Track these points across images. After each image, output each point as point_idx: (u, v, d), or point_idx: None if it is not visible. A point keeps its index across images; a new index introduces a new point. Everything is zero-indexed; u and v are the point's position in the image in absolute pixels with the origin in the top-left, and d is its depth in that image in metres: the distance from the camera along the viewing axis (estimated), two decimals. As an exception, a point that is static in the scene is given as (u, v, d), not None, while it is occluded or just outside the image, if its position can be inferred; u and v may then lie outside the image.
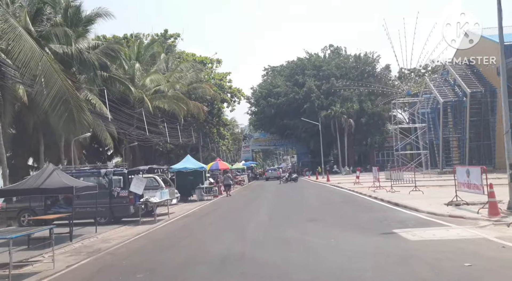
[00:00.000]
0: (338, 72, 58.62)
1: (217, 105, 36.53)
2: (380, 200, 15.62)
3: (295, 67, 61.26)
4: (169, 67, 33.17)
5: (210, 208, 19.20)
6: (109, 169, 15.02)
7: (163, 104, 29.05)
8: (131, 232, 12.81)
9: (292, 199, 20.79)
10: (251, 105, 66.10)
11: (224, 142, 45.04)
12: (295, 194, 23.56)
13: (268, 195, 24.43)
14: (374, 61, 60.09)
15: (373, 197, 16.97)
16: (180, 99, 30.51)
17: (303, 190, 26.85)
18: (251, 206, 18.62)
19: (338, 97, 56.95)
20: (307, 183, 35.78)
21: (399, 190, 17.73)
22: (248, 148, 69.07)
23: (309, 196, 21.43)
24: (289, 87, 59.00)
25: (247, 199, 22.86)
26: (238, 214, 15.54)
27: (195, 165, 24.03)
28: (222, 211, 17.71)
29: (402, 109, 62.89)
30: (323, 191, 24.33)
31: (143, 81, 28.87)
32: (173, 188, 19.41)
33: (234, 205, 20.32)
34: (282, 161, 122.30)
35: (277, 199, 21.02)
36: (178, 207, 20.61)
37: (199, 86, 33.40)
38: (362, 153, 64.03)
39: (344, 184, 26.42)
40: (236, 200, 23.12)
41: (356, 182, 25.16)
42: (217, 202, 22.43)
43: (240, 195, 27.14)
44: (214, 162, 30.76)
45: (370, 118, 57.58)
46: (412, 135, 37.45)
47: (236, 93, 39.69)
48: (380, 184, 19.86)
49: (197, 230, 12.49)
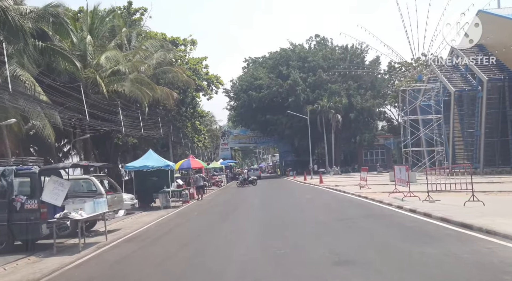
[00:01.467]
0: (325, 63, 54.08)
1: (191, 93, 31.14)
2: (436, 219, 9.50)
3: (279, 58, 56.42)
4: (132, 45, 27.62)
5: (173, 222, 13.96)
6: (8, 168, 9.61)
7: (122, 88, 23.58)
8: (27, 274, 7.54)
9: (287, 208, 15.63)
10: (230, 99, 60.97)
11: (200, 137, 39.65)
12: (288, 200, 18.51)
13: (253, 201, 19.39)
14: (362, 52, 55.81)
15: (415, 212, 10.96)
16: (144, 83, 25.07)
17: (296, 194, 21.97)
18: (232, 219, 13.53)
19: (325, 90, 52.45)
20: (295, 185, 30.89)
21: (439, 198, 12.77)
22: (227, 145, 63.80)
23: (309, 205, 16.35)
24: (272, 79, 54.11)
25: (226, 207, 17.74)
26: (210, 237, 10.10)
27: (159, 162, 18.74)
28: (188, 229, 12.43)
29: (393, 105, 59.07)
30: (324, 197, 19.08)
31: (97, 60, 23.30)
32: (120, 194, 13.93)
33: (208, 217, 15.17)
34: (262, 161, 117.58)
35: (266, 209, 15.82)
36: (131, 219, 15.32)
37: (169, 70, 27.99)
38: (349, 152, 59.66)
39: (345, 187, 21.63)
40: (211, 209, 17.97)
41: (362, 185, 20.29)
42: (185, 212, 17.22)
43: (216, 200, 21.99)
44: (185, 159, 25.51)
45: (359, 114, 53.29)
46: (424, 129, 32.59)
47: (213, 81, 34.36)
48: (397, 188, 15.14)
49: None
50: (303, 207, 15.32)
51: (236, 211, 15.98)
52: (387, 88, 56.17)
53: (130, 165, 18.58)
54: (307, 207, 15.47)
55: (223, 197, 24.16)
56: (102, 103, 23.77)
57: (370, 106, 52.23)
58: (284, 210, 14.98)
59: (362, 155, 58.33)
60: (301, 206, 15.91)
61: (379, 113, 56.33)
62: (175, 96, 26.88)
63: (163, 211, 17.49)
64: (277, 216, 13.07)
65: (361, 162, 58.03)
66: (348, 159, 60.49)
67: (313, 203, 17.00)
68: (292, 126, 52.98)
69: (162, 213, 16.88)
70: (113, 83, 23.89)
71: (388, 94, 56.18)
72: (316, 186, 25.96)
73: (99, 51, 23.99)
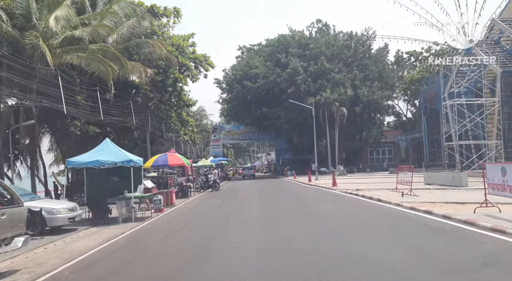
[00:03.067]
0: (328, 51, 48.64)
1: (173, 73, 25.39)
2: None
3: (277, 44, 50.83)
4: (98, 7, 21.84)
5: (117, 256, 8.34)
6: None
7: (79, 61, 17.90)
8: None
9: (310, 236, 8.77)
10: (222, 90, 55.30)
11: (187, 130, 33.94)
12: (306, 217, 11.77)
13: (253, 213, 13.69)
14: (369, 39, 50.40)
15: None
16: (110, 56, 19.43)
17: (309, 201, 16.23)
18: (219, 249, 7.93)
19: (328, 81, 47.02)
20: (300, 188, 25.34)
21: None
22: (219, 142, 58.01)
23: (347, 227, 9.74)
24: (269, 68, 48.56)
25: (214, 224, 12.00)
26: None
27: (117, 156, 13.07)
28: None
29: (403, 98, 53.83)
30: (361, 211, 12.11)
31: (46, 22, 17.62)
32: (20, 208, 7.99)
33: (181, 244, 9.46)
34: (256, 159, 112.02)
35: (276, 234, 9.31)
36: (60, 244, 9.72)
37: (145, 43, 22.32)
38: (351, 150, 54.14)
39: (375, 193, 16.04)
40: (187, 225, 12.26)
41: (404, 190, 14.61)
42: (150, 230, 11.54)
43: (199, 211, 16.22)
44: (161, 154, 19.79)
45: (366, 107, 47.94)
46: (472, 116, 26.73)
47: (201, 61, 28.50)
48: (487, 199, 9.67)
49: None
50: (338, 231, 9.52)
51: (226, 229, 10.43)
52: (395, 80, 50.83)
53: (74, 160, 12.89)
54: (346, 229, 9.52)
55: (212, 203, 18.54)
56: (54, 79, 18.17)
57: (378, 98, 46.86)
58: (303, 237, 9.12)
59: (368, 153, 53.01)
60: (331, 227, 10.13)
61: (387, 107, 50.99)
62: (149, 73, 21.16)
63: (119, 228, 11.87)
64: (295, 254, 7.46)
65: (366, 161, 52.81)
66: (351, 157, 55.07)
67: (357, 228, 9.45)
68: (290, 120, 47.52)
69: (115, 231, 11.27)
70: (67, 53, 18.25)
71: (397, 86, 50.88)
72: (330, 190, 20.39)
73: (48, 11, 18.27)
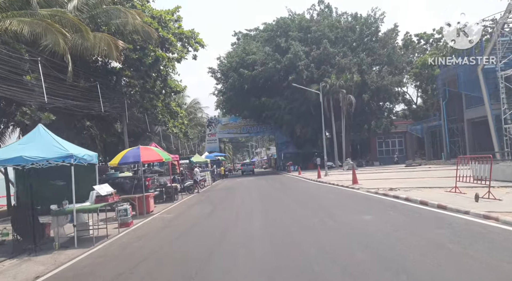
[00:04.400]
0: (332, 34, 44.29)
1: (154, 50, 20.87)
2: None
3: (276, 28, 46.43)
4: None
5: None
6: None
7: (21, 26, 13.57)
8: None
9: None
10: (218, 81, 50.93)
11: (176, 122, 29.61)
12: (341, 240, 7.31)
13: (256, 231, 9.06)
14: (376, 21, 46.06)
15: None
16: (68, 24, 15.10)
17: (332, 208, 11.74)
18: None
19: (333, 66, 42.72)
20: (310, 186, 21.09)
21: None
22: (215, 136, 53.65)
23: (437, 269, 5.20)
24: (268, 54, 44.20)
25: (192, 258, 7.53)
26: None
27: (52, 151, 8.79)
28: None
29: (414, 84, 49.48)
30: (421, 226, 8.00)
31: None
32: None
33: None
34: (255, 155, 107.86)
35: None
36: None
37: (116, 11, 17.95)
38: (358, 142, 49.82)
39: (418, 193, 11.95)
40: (149, 267, 7.82)
41: (479, 194, 10.15)
42: (80, 276, 7.21)
43: (178, 226, 11.59)
44: (132, 148, 15.42)
45: (374, 95, 43.67)
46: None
47: (189, 37, 23.77)
48: None
49: None
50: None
51: (210, 273, 6.21)
52: (405, 64, 46.47)
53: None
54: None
55: (195, 212, 14.27)
56: None
57: (388, 84, 42.54)
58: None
59: (376, 145, 48.74)
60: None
61: (397, 94, 46.67)
62: (120, 46, 16.79)
63: (49, 260, 7.69)
64: None
65: (374, 154, 48.58)
66: (357, 150, 50.85)
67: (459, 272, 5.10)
68: (292, 110, 43.30)
69: (37, 269, 7.07)
70: (6, 19, 13.93)
71: (408, 71, 46.52)
72: (352, 190, 16.03)
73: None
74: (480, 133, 29.73)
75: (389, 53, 44.52)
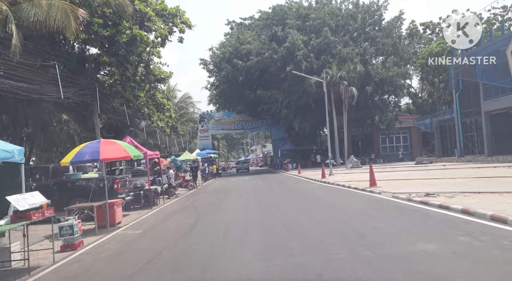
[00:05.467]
0: (332, 22, 41.13)
1: (130, 27, 17.41)
2: None
3: (272, 16, 43.18)
4: None
5: None
6: None
7: None
8: None
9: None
10: (210, 73, 47.66)
11: (162, 116, 26.34)
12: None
13: (251, 263, 6.19)
14: (379, 9, 42.94)
15: None
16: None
17: (355, 222, 8.40)
18: None
19: (334, 56, 39.57)
20: (315, 189, 17.91)
21: None
22: (207, 132, 50.32)
23: None
24: (263, 43, 40.99)
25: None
26: None
27: None
28: None
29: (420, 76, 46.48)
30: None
31: None
32: None
33: None
34: (251, 152, 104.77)
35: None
36: None
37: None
38: (360, 138, 46.74)
39: (471, 201, 8.87)
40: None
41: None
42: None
43: (143, 250, 8.22)
44: (89, 142, 11.98)
45: (378, 87, 40.59)
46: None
47: (173, 15, 20.21)
48: None
49: None
50: None
51: None
52: (411, 54, 43.46)
53: None
54: None
55: (173, 225, 11.07)
56: None
57: (393, 75, 39.45)
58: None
59: (380, 141, 45.70)
60: None
61: (403, 87, 43.55)
62: (81, 17, 13.50)
63: None
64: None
65: (378, 150, 45.55)
66: (359, 146, 47.76)
67: None
68: (290, 104, 40.09)
69: None
70: None
71: (414, 62, 43.48)
72: (372, 195, 12.71)
73: None
74: (501, 127, 26.76)
75: (394, 42, 41.42)
